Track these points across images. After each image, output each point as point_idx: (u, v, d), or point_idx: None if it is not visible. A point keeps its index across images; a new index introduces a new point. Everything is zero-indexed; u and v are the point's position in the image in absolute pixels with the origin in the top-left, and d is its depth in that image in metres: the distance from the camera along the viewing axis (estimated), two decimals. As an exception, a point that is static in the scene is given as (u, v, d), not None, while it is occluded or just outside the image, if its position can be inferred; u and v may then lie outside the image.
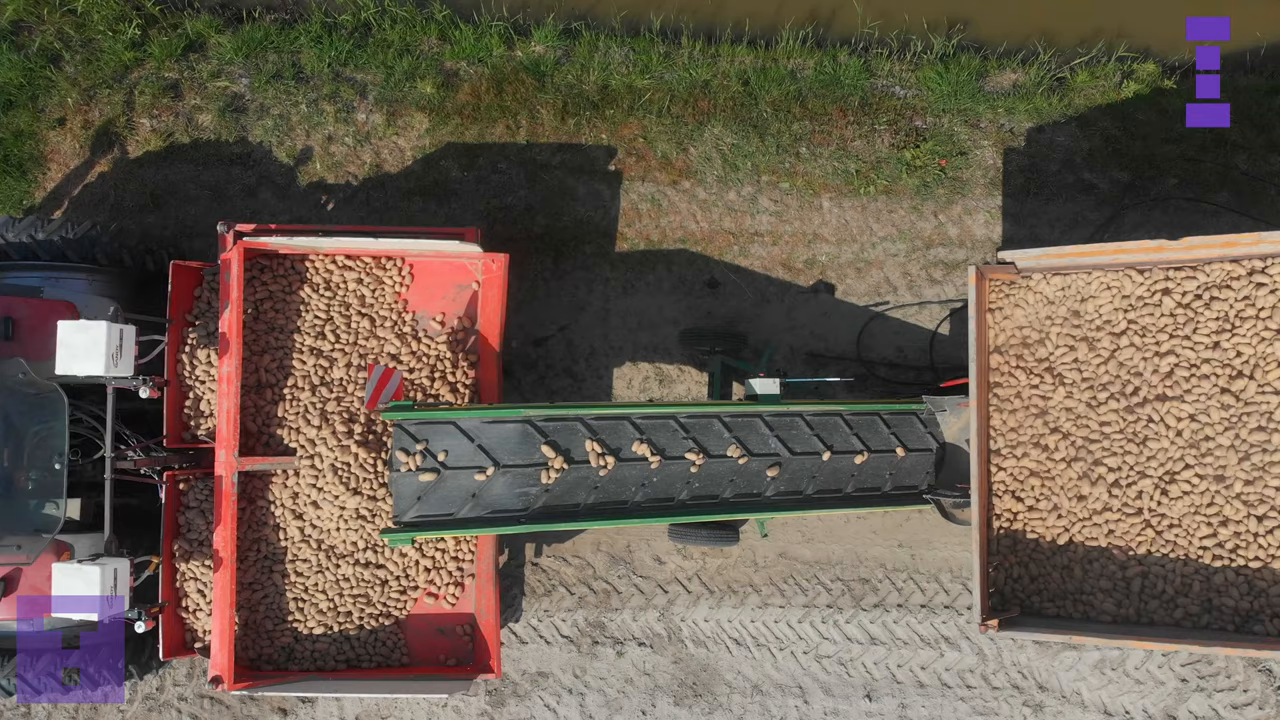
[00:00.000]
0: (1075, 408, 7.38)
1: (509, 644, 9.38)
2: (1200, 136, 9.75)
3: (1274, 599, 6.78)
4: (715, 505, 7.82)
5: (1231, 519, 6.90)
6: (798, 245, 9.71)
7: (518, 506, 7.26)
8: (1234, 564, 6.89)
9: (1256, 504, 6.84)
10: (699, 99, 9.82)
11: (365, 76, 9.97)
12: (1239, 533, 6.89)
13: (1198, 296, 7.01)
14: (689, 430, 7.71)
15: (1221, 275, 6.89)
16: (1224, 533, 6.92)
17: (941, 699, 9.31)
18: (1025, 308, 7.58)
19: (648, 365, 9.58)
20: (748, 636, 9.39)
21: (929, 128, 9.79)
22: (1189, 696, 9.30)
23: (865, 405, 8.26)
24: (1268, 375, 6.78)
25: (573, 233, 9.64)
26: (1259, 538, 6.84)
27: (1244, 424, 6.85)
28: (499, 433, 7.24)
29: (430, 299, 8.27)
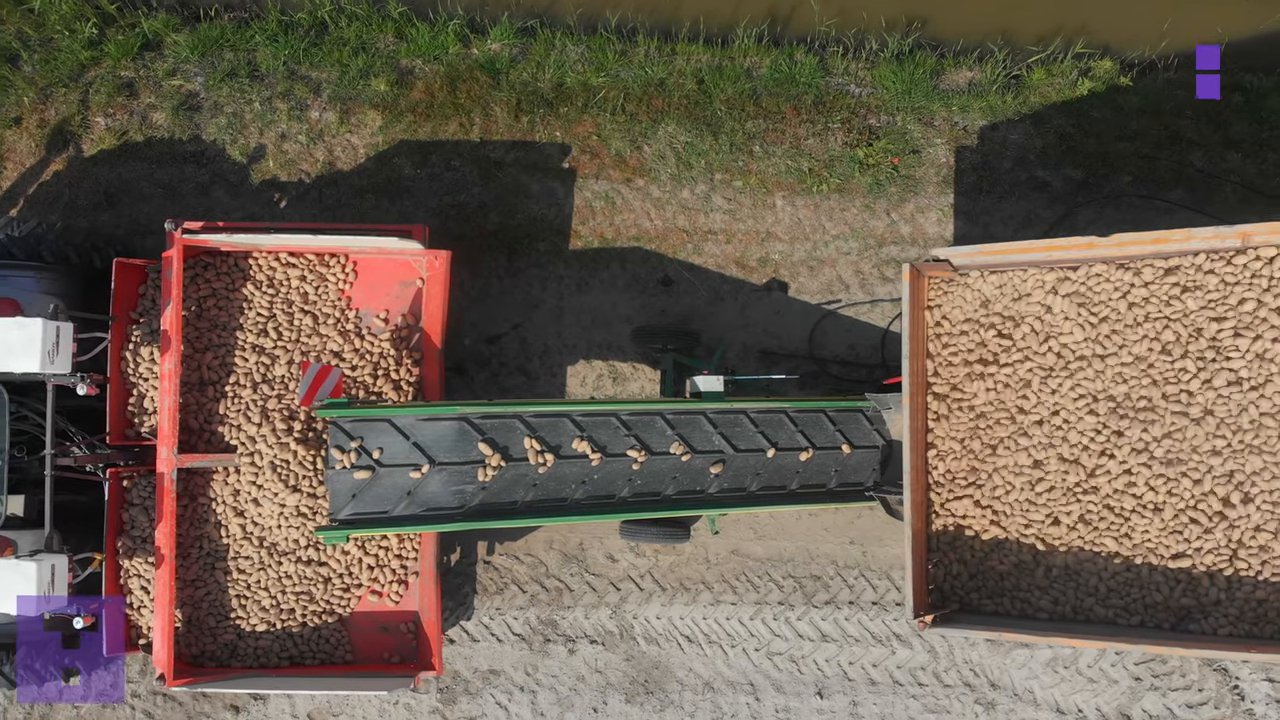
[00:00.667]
0: (1011, 405, 7.37)
1: (461, 642, 9.37)
2: (1155, 134, 9.75)
3: (1208, 597, 6.77)
4: (658, 502, 7.82)
5: (1167, 517, 6.89)
6: (751, 243, 9.71)
7: (453, 504, 7.26)
8: (1169, 562, 6.88)
9: (1191, 501, 6.82)
10: (653, 97, 9.82)
11: (320, 74, 9.97)
12: (1174, 530, 6.87)
13: (1128, 292, 7.00)
14: (631, 428, 7.71)
15: (1153, 274, 6.89)
16: (1159, 530, 6.91)
17: (893, 696, 9.30)
18: (963, 305, 7.58)
19: (601, 363, 9.57)
20: (700, 634, 9.39)
21: (882, 126, 9.78)
22: (1143, 695, 9.29)
23: (810, 402, 8.26)
24: (1200, 369, 6.77)
25: (526, 230, 9.64)
26: (1194, 536, 6.82)
27: (1178, 420, 6.84)
28: (434, 430, 7.24)
29: (374, 296, 8.28)
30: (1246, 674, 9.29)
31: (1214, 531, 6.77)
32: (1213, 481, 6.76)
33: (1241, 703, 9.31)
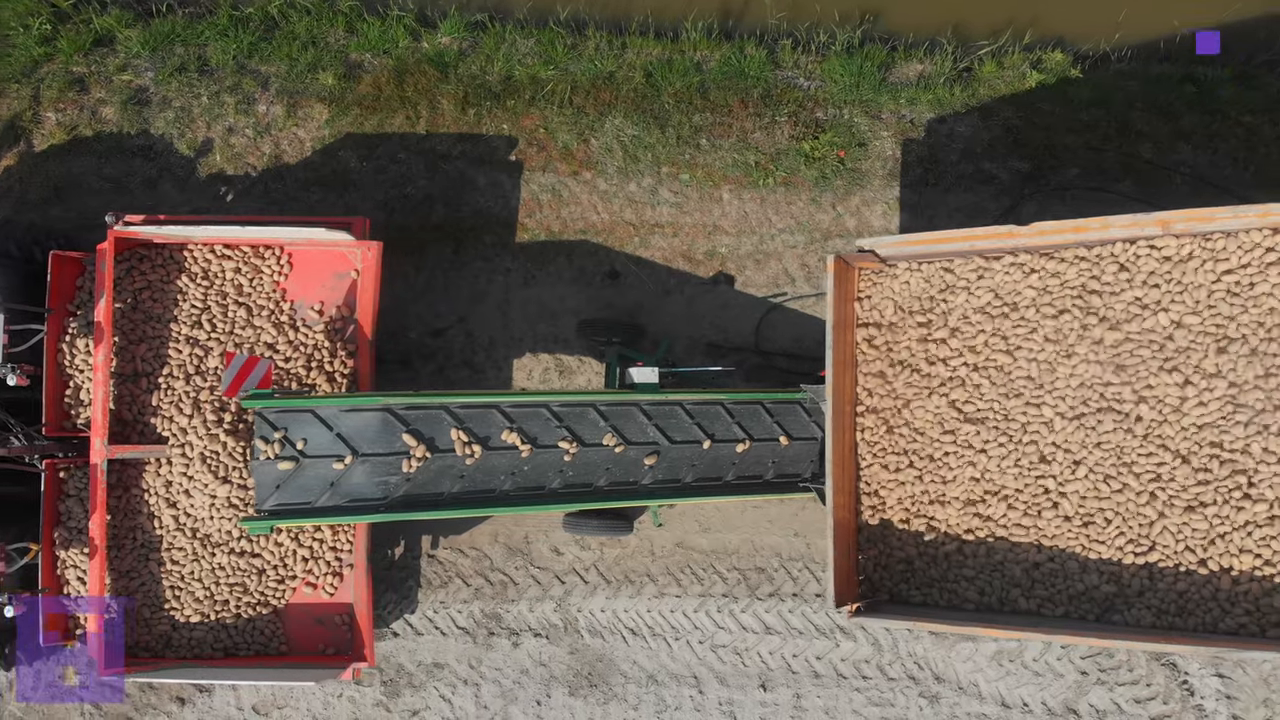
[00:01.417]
0: (938, 397, 7.35)
1: (405, 635, 9.38)
2: (1105, 126, 9.72)
3: (1131, 588, 6.73)
4: (589, 494, 7.80)
5: (1090, 508, 6.86)
6: (698, 237, 9.70)
7: (377, 495, 7.25)
8: (1093, 553, 6.85)
9: (1112, 493, 6.79)
10: (601, 90, 9.81)
11: (269, 69, 9.99)
12: (1097, 521, 6.84)
13: (1049, 281, 6.97)
14: (562, 419, 7.70)
15: (1079, 271, 6.86)
16: (1079, 522, 6.88)
17: (837, 689, 9.28)
18: (893, 296, 7.55)
19: (548, 356, 9.57)
20: (644, 626, 9.38)
21: (830, 119, 9.77)
22: (1089, 690, 9.24)
23: (748, 394, 8.24)
24: (1118, 361, 6.74)
25: (472, 223, 9.64)
26: (1115, 526, 6.79)
27: (1103, 418, 6.81)
28: (358, 421, 7.23)
29: (309, 288, 8.29)
30: (1195, 669, 9.24)
31: (1132, 523, 6.73)
32: (1132, 474, 6.72)
33: (1191, 698, 9.26)
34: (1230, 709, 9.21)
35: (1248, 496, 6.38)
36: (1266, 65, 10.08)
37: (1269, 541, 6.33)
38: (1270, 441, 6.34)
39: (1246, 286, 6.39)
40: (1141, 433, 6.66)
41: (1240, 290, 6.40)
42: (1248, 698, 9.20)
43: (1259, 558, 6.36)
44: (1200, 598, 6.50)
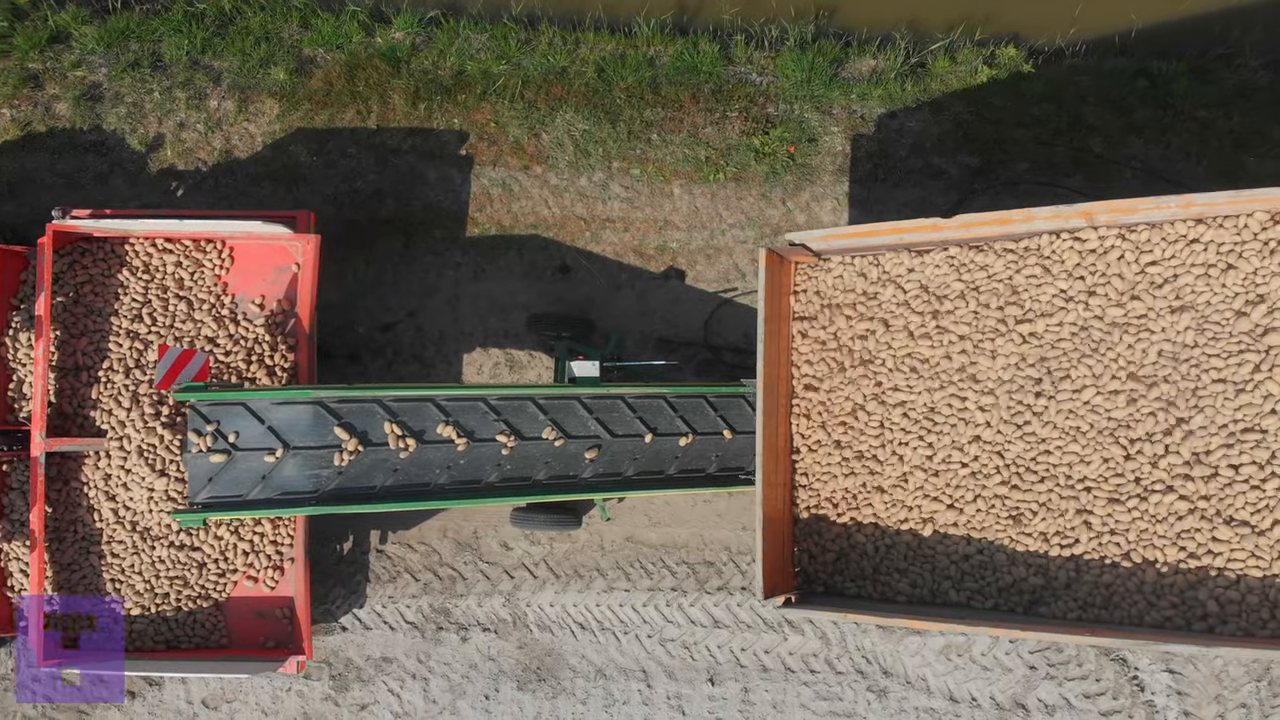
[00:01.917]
0: (869, 390, 7.35)
1: (354, 629, 9.39)
2: (1056, 120, 9.71)
3: (1058, 580, 6.73)
4: (528, 487, 7.81)
5: (1015, 500, 6.85)
6: (649, 232, 9.70)
7: (309, 488, 7.27)
8: (1020, 545, 6.84)
9: (1035, 484, 6.79)
10: (553, 85, 9.82)
11: (221, 64, 10.01)
12: (1023, 513, 6.84)
13: (978, 274, 6.97)
14: (500, 413, 7.71)
15: (1006, 264, 6.86)
16: (1005, 514, 6.88)
17: (785, 683, 9.28)
18: (827, 290, 7.56)
19: (498, 351, 9.58)
20: (592, 621, 9.39)
21: (781, 114, 9.76)
22: (1038, 684, 9.24)
23: (691, 388, 8.24)
24: (1048, 356, 6.74)
25: (422, 217, 9.65)
26: (1041, 518, 6.79)
27: (1024, 408, 6.81)
28: (290, 414, 7.25)
29: (250, 282, 8.30)
30: (1146, 664, 9.24)
31: (1056, 515, 6.72)
32: (1054, 466, 6.72)
33: (1141, 694, 9.25)
34: (1181, 705, 9.20)
35: (1170, 489, 6.38)
36: (1222, 59, 10.06)
37: (1192, 534, 6.32)
38: (1188, 436, 6.33)
39: (1170, 278, 6.38)
40: (1062, 425, 6.66)
41: (1164, 282, 6.39)
42: (1199, 694, 9.19)
43: (1183, 550, 6.35)
44: (1125, 590, 6.49)
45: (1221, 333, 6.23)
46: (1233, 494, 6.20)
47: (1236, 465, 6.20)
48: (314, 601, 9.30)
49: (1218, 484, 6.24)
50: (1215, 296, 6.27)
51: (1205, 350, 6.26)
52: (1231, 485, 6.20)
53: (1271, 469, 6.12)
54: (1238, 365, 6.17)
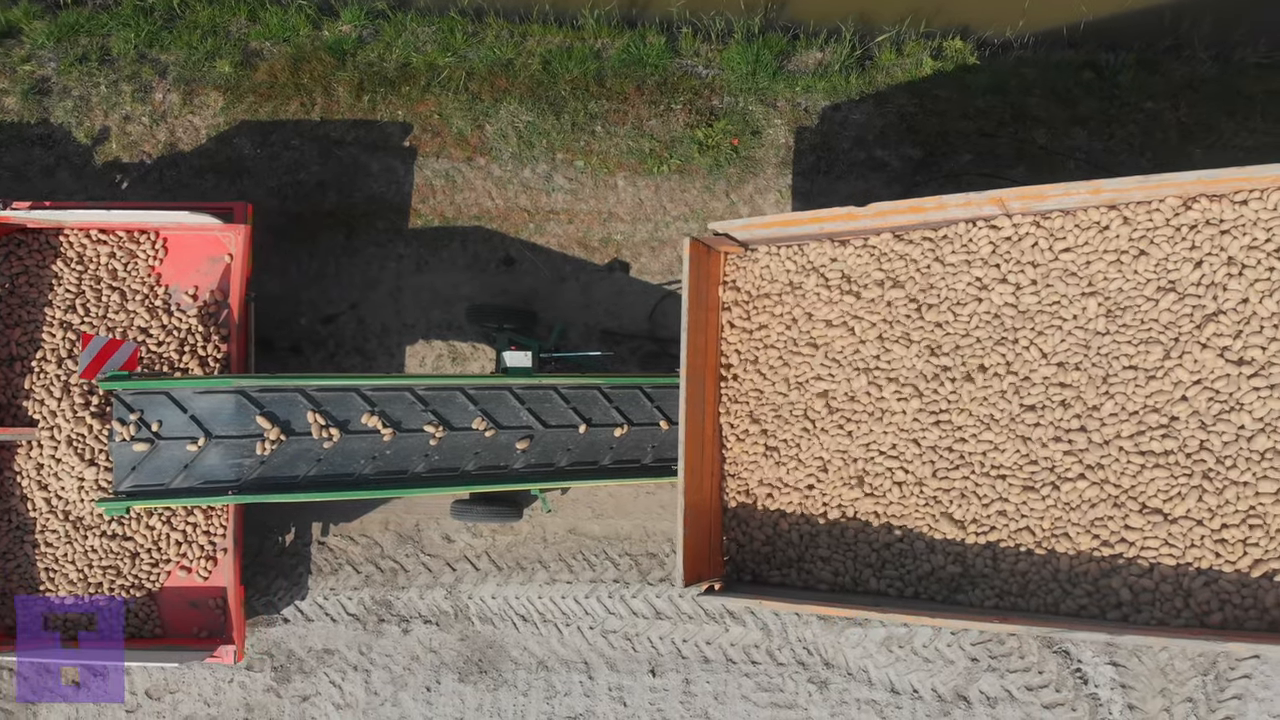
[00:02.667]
0: (793, 378, 7.35)
1: (295, 621, 9.40)
2: (1000, 112, 9.69)
3: (975, 568, 6.72)
4: (456, 478, 7.81)
5: (932, 488, 6.85)
6: (593, 224, 9.70)
7: (231, 477, 7.27)
8: (938, 533, 6.84)
9: (950, 471, 6.78)
10: (497, 77, 9.82)
11: (168, 57, 10.03)
12: (941, 501, 6.83)
13: (903, 267, 6.97)
14: (428, 403, 7.71)
15: (923, 252, 6.86)
16: (922, 501, 6.87)
17: (726, 674, 9.27)
18: (755, 280, 7.55)
19: (441, 343, 9.58)
20: (534, 613, 9.39)
21: (725, 107, 9.76)
22: (980, 676, 9.22)
23: (626, 379, 8.24)
24: (962, 345, 6.73)
25: (365, 209, 9.66)
26: (958, 506, 6.78)
27: (939, 395, 6.80)
28: (212, 403, 7.25)
29: (184, 273, 8.31)
30: (1089, 657, 9.21)
31: (972, 502, 6.72)
32: (968, 454, 6.72)
33: (1084, 686, 9.22)
34: (1126, 698, 9.18)
35: (1083, 477, 6.37)
36: (1170, 51, 10.04)
37: (1105, 522, 6.31)
38: (1100, 423, 6.32)
39: (1083, 265, 6.37)
40: (977, 412, 6.65)
41: (1077, 269, 6.38)
42: (1144, 687, 9.17)
43: (1096, 538, 6.34)
44: (1041, 578, 6.48)
45: (1133, 319, 6.22)
46: (1144, 481, 6.19)
47: (1147, 452, 6.18)
48: (256, 593, 9.33)
49: (1129, 471, 6.23)
50: (1127, 283, 6.26)
51: (1116, 337, 6.25)
52: (1143, 472, 6.19)
53: (1182, 456, 6.11)
54: (1148, 352, 6.16)
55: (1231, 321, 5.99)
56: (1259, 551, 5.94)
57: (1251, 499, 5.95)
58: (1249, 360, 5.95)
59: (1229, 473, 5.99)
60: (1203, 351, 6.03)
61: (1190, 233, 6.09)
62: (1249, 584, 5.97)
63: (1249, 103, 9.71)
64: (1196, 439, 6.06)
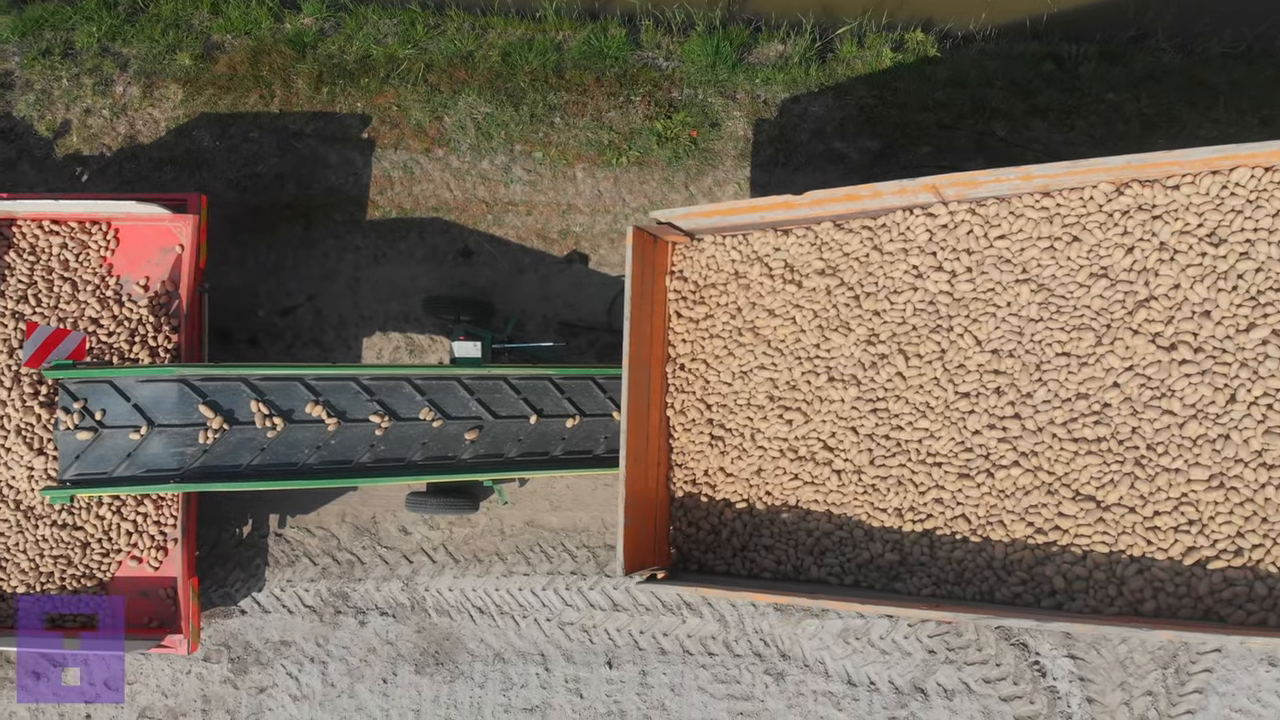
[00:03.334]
0: (739, 367, 7.34)
1: (252, 613, 9.41)
2: (960, 104, 9.67)
3: (912, 555, 6.70)
4: (403, 468, 7.81)
5: (871, 476, 6.83)
6: (552, 215, 9.70)
7: (173, 466, 7.28)
8: (876, 521, 6.82)
9: (889, 459, 6.76)
10: (457, 69, 9.83)
11: (130, 51, 10.05)
12: (879, 489, 6.82)
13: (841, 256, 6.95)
14: (373, 393, 7.71)
15: (862, 241, 6.84)
16: (861, 489, 6.86)
17: (683, 666, 9.26)
18: (701, 270, 7.55)
19: (399, 335, 9.59)
20: (491, 605, 9.38)
21: (684, 99, 9.75)
22: (937, 669, 9.19)
23: (578, 370, 8.24)
24: (898, 333, 6.72)
25: (323, 200, 9.67)
26: (895, 494, 6.76)
27: (875, 383, 6.79)
28: (154, 392, 7.27)
29: (135, 263, 8.33)
30: (1047, 649, 9.18)
31: (909, 489, 6.70)
32: (905, 440, 6.70)
33: (1043, 679, 9.19)
34: (1084, 691, 9.14)
35: (1017, 464, 6.35)
36: (1134, 42, 10.02)
37: (1038, 509, 6.29)
38: (1033, 411, 6.30)
39: (1017, 252, 6.35)
40: (913, 400, 6.63)
41: (1011, 256, 6.36)
42: (1103, 680, 9.13)
43: (1030, 526, 6.32)
44: (976, 566, 6.46)
45: (1065, 306, 6.20)
46: (1077, 468, 6.16)
47: (1080, 439, 6.16)
48: (213, 584, 9.34)
49: (1062, 458, 6.20)
50: (1060, 270, 6.24)
51: (1049, 324, 6.23)
52: (1075, 459, 6.17)
53: (1114, 443, 6.08)
54: (1080, 338, 6.14)
55: (1163, 307, 5.96)
56: (1190, 539, 5.92)
57: (1183, 486, 5.92)
58: (1180, 346, 5.93)
59: (1161, 459, 5.96)
60: (1134, 338, 6.00)
61: (1123, 218, 6.06)
62: (1181, 572, 5.94)
63: (1212, 93, 9.68)
64: (1128, 425, 6.03)
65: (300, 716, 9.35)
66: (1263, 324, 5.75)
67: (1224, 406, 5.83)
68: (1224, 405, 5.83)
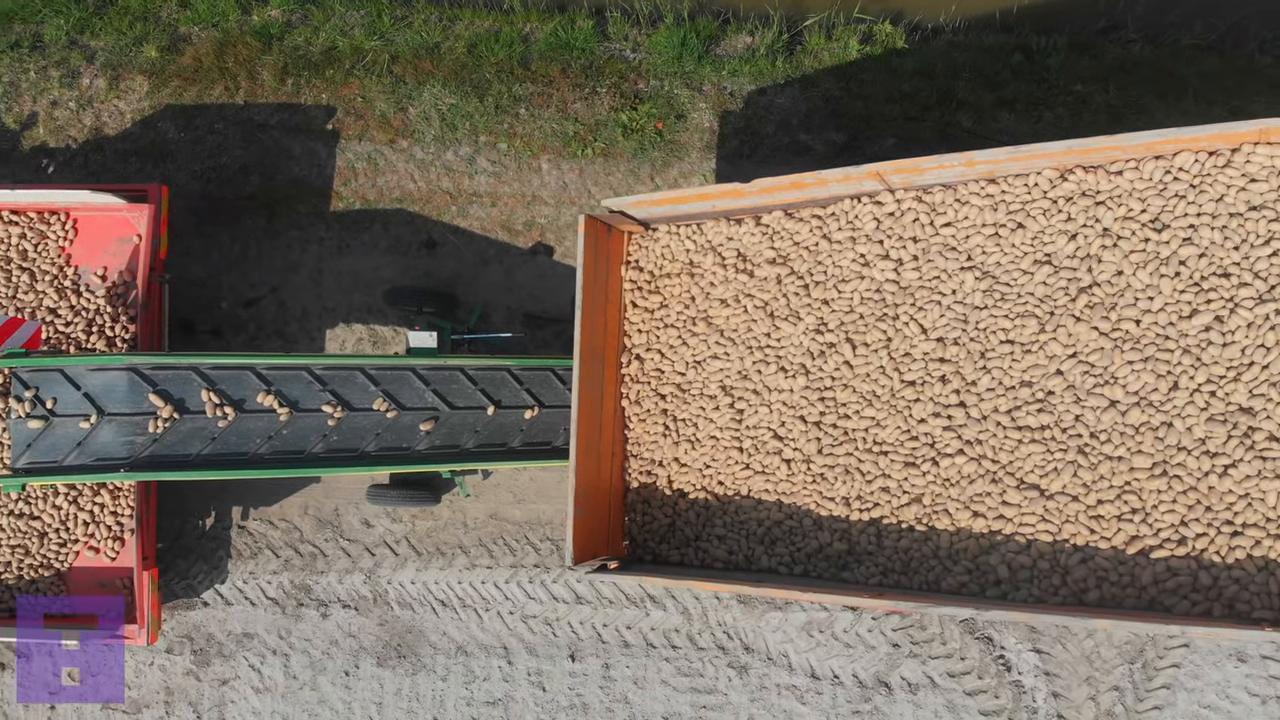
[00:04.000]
0: (692, 358, 7.30)
1: (215, 605, 9.39)
2: (926, 95, 9.62)
3: (860, 545, 6.66)
4: (356, 459, 7.78)
5: (820, 465, 6.79)
6: (517, 207, 9.67)
7: (123, 455, 7.26)
8: (824, 510, 6.78)
9: (836, 447, 6.72)
10: (422, 60, 9.81)
11: (98, 43, 10.05)
12: (827, 478, 6.78)
13: (791, 245, 6.92)
14: (326, 383, 7.69)
15: (811, 230, 6.81)
16: (810, 478, 6.82)
17: (646, 659, 9.22)
18: (654, 259, 7.51)
19: (361, 326, 9.57)
20: (454, 598, 9.36)
21: (650, 91, 9.72)
22: (901, 662, 9.15)
23: (537, 360, 8.21)
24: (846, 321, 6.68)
25: (287, 192, 9.65)
26: (843, 483, 6.72)
27: (824, 372, 6.75)
28: (105, 380, 7.25)
29: (93, 253, 8.33)
30: (1012, 643, 9.13)
31: (856, 478, 6.66)
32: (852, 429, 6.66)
33: (1007, 674, 9.14)
34: (1050, 685, 9.09)
35: (961, 452, 6.30)
36: (1104, 33, 9.97)
37: (983, 498, 6.24)
38: (977, 398, 6.26)
39: (962, 239, 6.31)
40: (860, 389, 6.59)
41: (956, 244, 6.32)
42: (1069, 674, 9.08)
43: (975, 515, 6.28)
44: (922, 555, 6.42)
45: (1009, 293, 6.16)
46: (1021, 457, 6.12)
47: (1024, 427, 6.12)
48: (176, 576, 9.33)
49: (1006, 447, 6.16)
50: (1005, 257, 6.19)
51: (993, 311, 6.19)
52: (1019, 448, 6.12)
53: (1057, 431, 6.04)
54: (1023, 326, 6.09)
55: (1106, 294, 5.92)
56: (1133, 528, 5.87)
57: (1126, 474, 5.87)
58: (1123, 333, 5.88)
59: (1103, 447, 5.91)
60: (1077, 324, 5.96)
61: (1066, 204, 6.02)
62: (1125, 561, 5.90)
63: (1181, 84, 9.62)
64: (1071, 413, 5.99)
65: (263, 709, 9.33)
66: (1205, 310, 5.70)
67: (1167, 394, 5.78)
68: (1167, 393, 5.78)
